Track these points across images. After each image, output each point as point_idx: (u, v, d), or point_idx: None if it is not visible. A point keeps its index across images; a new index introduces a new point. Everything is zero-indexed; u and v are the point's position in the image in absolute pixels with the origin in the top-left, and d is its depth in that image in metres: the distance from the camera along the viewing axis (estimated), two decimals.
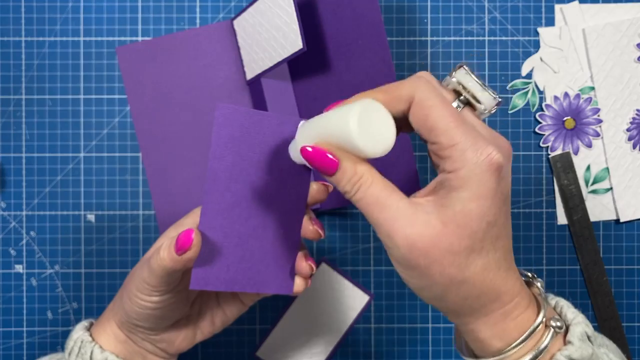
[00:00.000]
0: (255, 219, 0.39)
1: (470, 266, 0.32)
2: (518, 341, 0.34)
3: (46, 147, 0.56)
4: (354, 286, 0.57)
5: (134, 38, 0.56)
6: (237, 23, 0.55)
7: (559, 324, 0.34)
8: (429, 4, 0.57)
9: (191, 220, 0.44)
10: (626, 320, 0.58)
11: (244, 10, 0.53)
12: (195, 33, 0.56)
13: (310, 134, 0.35)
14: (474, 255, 0.32)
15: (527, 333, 0.34)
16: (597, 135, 0.57)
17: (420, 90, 0.33)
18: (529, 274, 0.37)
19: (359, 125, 0.32)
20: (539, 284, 0.37)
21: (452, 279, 0.32)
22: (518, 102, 0.57)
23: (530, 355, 0.34)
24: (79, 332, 0.44)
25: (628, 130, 0.57)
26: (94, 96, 0.56)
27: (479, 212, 0.32)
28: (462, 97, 0.35)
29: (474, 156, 0.32)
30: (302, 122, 0.37)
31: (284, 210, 0.40)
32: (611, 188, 0.57)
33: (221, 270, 0.38)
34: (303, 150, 0.34)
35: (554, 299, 0.38)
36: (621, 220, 0.57)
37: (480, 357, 0.36)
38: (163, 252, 0.38)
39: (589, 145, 0.57)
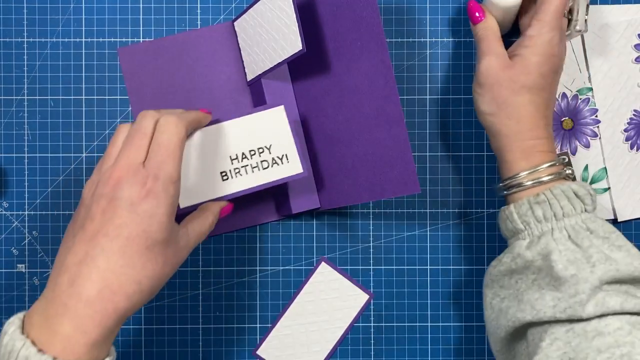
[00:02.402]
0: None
1: (519, 95, 0.48)
2: (544, 166, 0.47)
3: (48, 148, 0.56)
4: (354, 285, 0.57)
5: (135, 39, 0.57)
6: (238, 24, 0.55)
7: (570, 172, 0.49)
8: (427, 5, 0.57)
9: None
10: None
11: (244, 11, 0.54)
12: (197, 34, 0.56)
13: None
14: (524, 90, 0.47)
15: (550, 163, 0.47)
16: (595, 135, 0.57)
17: None
18: (564, 157, 0.51)
19: None
20: (568, 172, 0.49)
21: (506, 98, 0.48)
22: None
23: (549, 174, 0.47)
24: None
25: (626, 130, 0.57)
26: (95, 97, 0.56)
27: (536, 62, 0.48)
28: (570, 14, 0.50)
29: (547, 35, 0.48)
30: None
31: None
32: (609, 188, 0.57)
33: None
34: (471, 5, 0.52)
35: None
36: (619, 220, 0.57)
37: (510, 183, 0.48)
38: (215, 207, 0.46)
39: (587, 146, 0.57)
